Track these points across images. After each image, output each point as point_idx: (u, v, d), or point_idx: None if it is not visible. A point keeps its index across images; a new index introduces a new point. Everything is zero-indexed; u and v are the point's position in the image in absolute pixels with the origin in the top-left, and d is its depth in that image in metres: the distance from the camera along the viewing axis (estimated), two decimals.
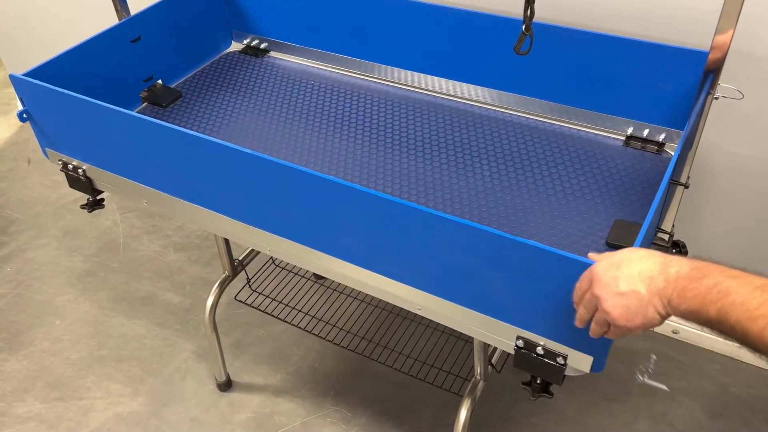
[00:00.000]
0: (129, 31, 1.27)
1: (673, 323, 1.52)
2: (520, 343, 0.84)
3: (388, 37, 1.31)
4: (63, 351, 1.61)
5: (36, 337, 1.65)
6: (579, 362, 0.82)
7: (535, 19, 0.90)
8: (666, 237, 0.97)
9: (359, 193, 0.85)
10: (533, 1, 0.81)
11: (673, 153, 1.13)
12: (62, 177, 1.22)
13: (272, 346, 1.59)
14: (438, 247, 0.83)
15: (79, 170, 1.17)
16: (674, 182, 0.97)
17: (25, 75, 1.10)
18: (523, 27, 0.84)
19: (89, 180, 1.17)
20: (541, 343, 0.83)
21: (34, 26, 2.13)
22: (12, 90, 2.47)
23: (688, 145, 1.00)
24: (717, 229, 1.34)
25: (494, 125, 1.23)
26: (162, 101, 1.31)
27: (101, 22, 1.27)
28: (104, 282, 1.78)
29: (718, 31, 0.92)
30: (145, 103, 1.33)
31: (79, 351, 1.61)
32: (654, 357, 0.81)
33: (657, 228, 0.98)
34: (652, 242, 0.95)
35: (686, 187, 1.00)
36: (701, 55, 1.02)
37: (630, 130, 1.16)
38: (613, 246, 0.96)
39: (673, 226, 1.03)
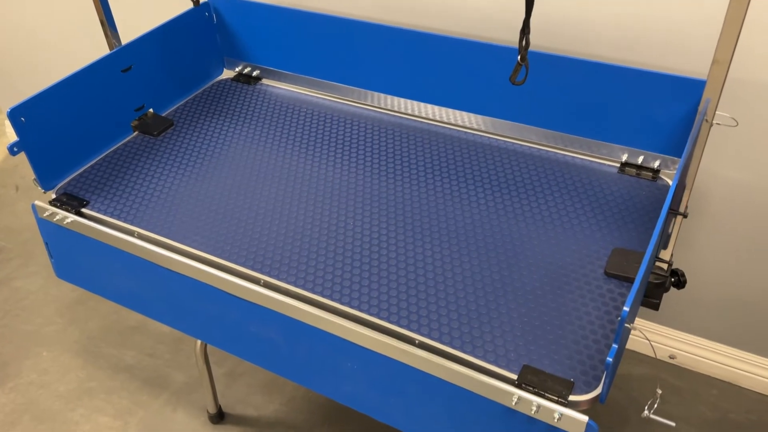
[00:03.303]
0: (120, 60, 1.25)
1: (670, 348, 1.51)
2: None
3: (381, 65, 1.30)
4: (51, 383, 1.58)
5: (23, 369, 1.61)
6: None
7: (531, 48, 0.90)
8: (665, 266, 0.96)
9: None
10: (528, 32, 0.81)
11: (668, 180, 1.13)
12: None
13: (265, 376, 1.57)
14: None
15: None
16: (672, 211, 0.97)
17: (17, 107, 1.08)
18: (519, 57, 0.83)
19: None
20: None
21: (25, 55, 2.12)
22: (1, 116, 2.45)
23: (685, 173, 1.00)
24: (715, 257, 1.34)
25: (489, 152, 1.23)
26: (153, 130, 1.30)
27: (93, 49, 1.26)
28: (94, 311, 1.75)
29: (714, 61, 0.92)
30: (136, 132, 1.31)
31: (68, 383, 1.58)
32: (659, 392, 0.80)
33: (656, 257, 0.98)
34: (651, 272, 0.94)
35: (685, 216, 1.00)
36: (697, 83, 1.02)
37: (625, 157, 1.16)
38: (613, 276, 0.95)
39: (671, 255, 1.02)
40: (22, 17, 2.02)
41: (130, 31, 1.31)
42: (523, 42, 0.82)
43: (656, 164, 1.14)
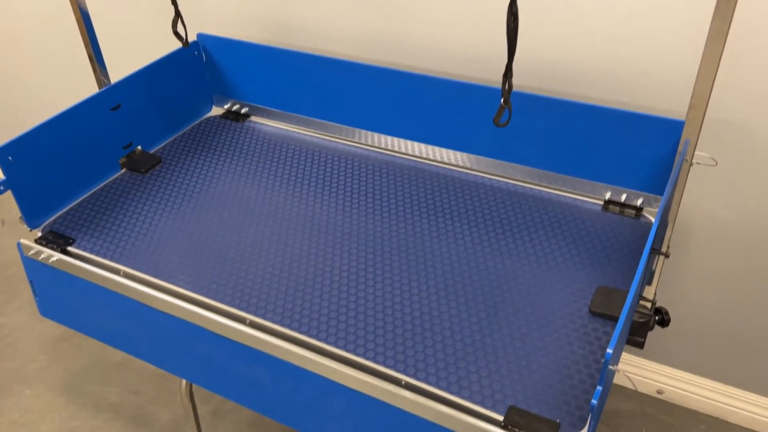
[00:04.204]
0: (109, 99, 1.26)
1: (658, 383, 1.51)
2: None
3: (368, 103, 1.32)
4: (33, 422, 1.55)
5: (5, 408, 1.59)
6: None
7: (514, 88, 0.92)
8: (649, 305, 0.97)
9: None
10: (511, 76, 0.83)
11: (651, 217, 1.15)
12: None
13: (251, 414, 1.55)
14: None
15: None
16: (654, 251, 0.98)
17: (4, 146, 1.09)
18: (502, 100, 0.85)
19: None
20: None
21: (13, 93, 2.13)
22: None
23: (667, 212, 1.02)
24: (699, 293, 1.35)
25: (474, 189, 1.24)
26: (141, 167, 1.30)
27: (83, 87, 1.27)
28: (78, 348, 1.73)
29: (691, 106, 0.94)
30: (123, 170, 1.32)
31: (50, 422, 1.55)
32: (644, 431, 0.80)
33: (640, 296, 0.98)
34: (635, 310, 0.95)
35: (667, 256, 1.01)
36: (676, 124, 1.05)
37: (608, 195, 1.18)
38: (598, 314, 0.96)
39: (655, 293, 1.03)
40: (11, 55, 2.04)
41: (120, 68, 1.32)
42: (506, 85, 0.83)
43: (639, 202, 1.15)
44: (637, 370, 1.52)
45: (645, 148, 1.10)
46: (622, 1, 1.14)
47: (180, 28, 1.27)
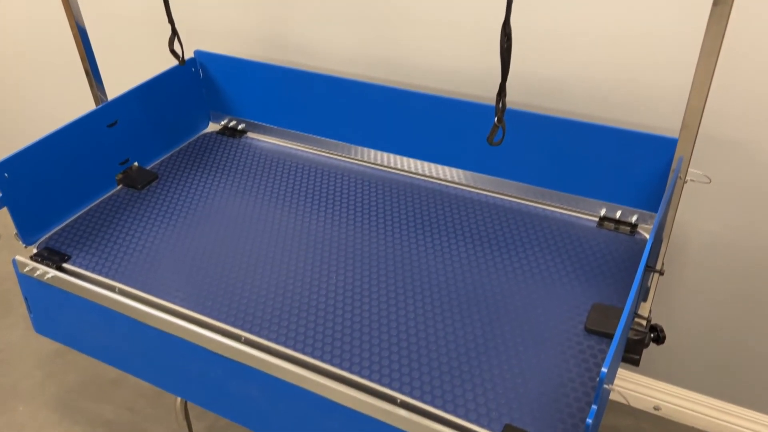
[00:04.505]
0: (106, 115, 1.27)
1: (655, 399, 1.51)
2: None
3: (365, 119, 1.33)
4: None
5: None
6: None
7: (509, 105, 0.93)
8: (644, 322, 0.97)
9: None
10: (504, 96, 0.84)
11: (645, 234, 1.15)
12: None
13: (247, 430, 1.54)
14: None
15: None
16: (649, 269, 0.98)
17: (2, 162, 1.09)
18: (496, 119, 0.86)
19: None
20: None
21: (11, 109, 2.14)
22: None
23: (661, 229, 1.02)
24: (695, 309, 1.35)
25: (470, 206, 1.24)
26: (137, 184, 1.31)
27: (79, 104, 1.28)
28: (73, 364, 1.72)
29: (684, 126, 0.95)
30: (120, 186, 1.32)
31: None
32: None
33: (635, 313, 0.99)
34: (630, 328, 0.95)
35: (661, 273, 1.01)
36: (670, 141, 1.05)
37: (603, 212, 1.18)
38: (593, 332, 0.96)
39: (650, 311, 1.03)
40: (8, 71, 2.04)
41: (117, 84, 1.33)
42: (500, 104, 0.84)
43: (634, 219, 1.16)
44: (634, 386, 1.52)
45: (639, 166, 1.11)
46: (616, 20, 1.15)
47: (177, 47, 1.27)
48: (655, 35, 1.13)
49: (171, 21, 1.25)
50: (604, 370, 0.72)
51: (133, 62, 1.76)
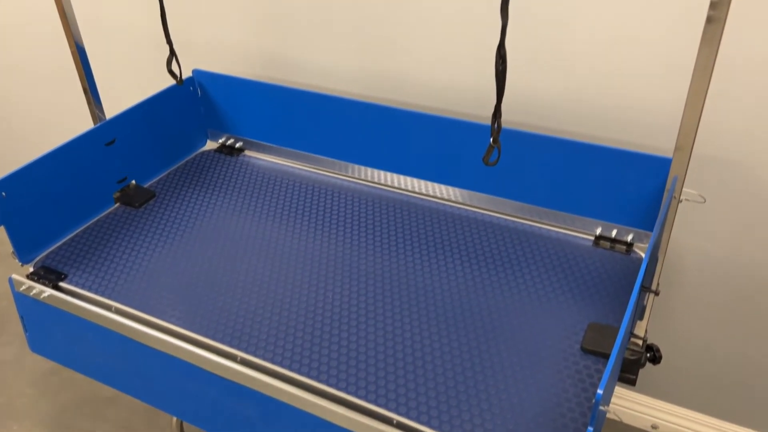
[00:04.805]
0: (104, 134, 1.27)
1: (653, 418, 1.50)
2: None
3: (362, 138, 1.33)
4: None
5: None
6: None
7: (505, 125, 0.94)
8: (640, 342, 0.97)
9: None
10: (500, 117, 0.84)
11: (641, 253, 1.15)
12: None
13: None
14: None
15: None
16: (644, 289, 0.99)
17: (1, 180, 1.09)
18: (491, 140, 0.86)
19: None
20: None
21: (8, 128, 2.14)
22: None
23: (656, 248, 1.02)
24: (691, 328, 1.35)
25: (466, 224, 1.25)
26: (135, 202, 1.31)
27: (77, 122, 1.28)
28: (69, 382, 1.71)
29: (677, 148, 0.96)
30: (117, 204, 1.32)
31: None
32: None
33: (631, 332, 0.99)
34: (626, 348, 0.95)
35: (656, 294, 1.02)
36: (664, 161, 1.06)
37: (599, 230, 1.18)
38: (589, 351, 0.96)
39: (645, 330, 1.03)
40: (7, 89, 2.05)
41: (116, 103, 1.33)
42: (495, 125, 0.85)
43: (629, 237, 1.16)
44: (632, 405, 1.51)
45: (634, 185, 1.12)
46: (610, 40, 1.16)
47: (175, 67, 1.28)
48: (650, 56, 1.14)
49: (169, 42, 1.26)
50: (599, 391, 0.72)
51: (132, 80, 1.77)
